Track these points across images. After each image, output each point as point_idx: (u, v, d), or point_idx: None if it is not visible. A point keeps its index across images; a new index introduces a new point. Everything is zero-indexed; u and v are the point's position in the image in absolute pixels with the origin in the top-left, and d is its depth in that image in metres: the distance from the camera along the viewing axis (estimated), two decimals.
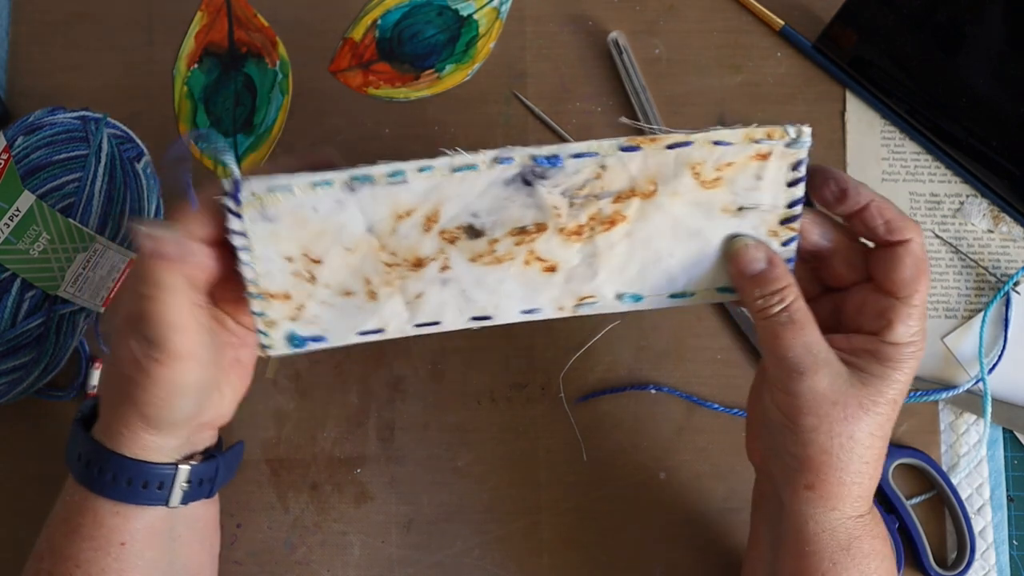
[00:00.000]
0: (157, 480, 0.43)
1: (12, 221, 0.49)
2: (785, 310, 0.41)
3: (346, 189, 0.41)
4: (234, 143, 0.59)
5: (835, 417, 0.41)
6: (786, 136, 0.42)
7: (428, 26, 0.60)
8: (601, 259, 0.44)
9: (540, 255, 0.43)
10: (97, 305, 0.53)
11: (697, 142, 0.41)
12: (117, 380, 0.41)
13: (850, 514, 0.42)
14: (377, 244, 0.42)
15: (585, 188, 0.42)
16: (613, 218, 0.43)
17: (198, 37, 0.60)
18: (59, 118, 0.51)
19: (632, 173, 0.42)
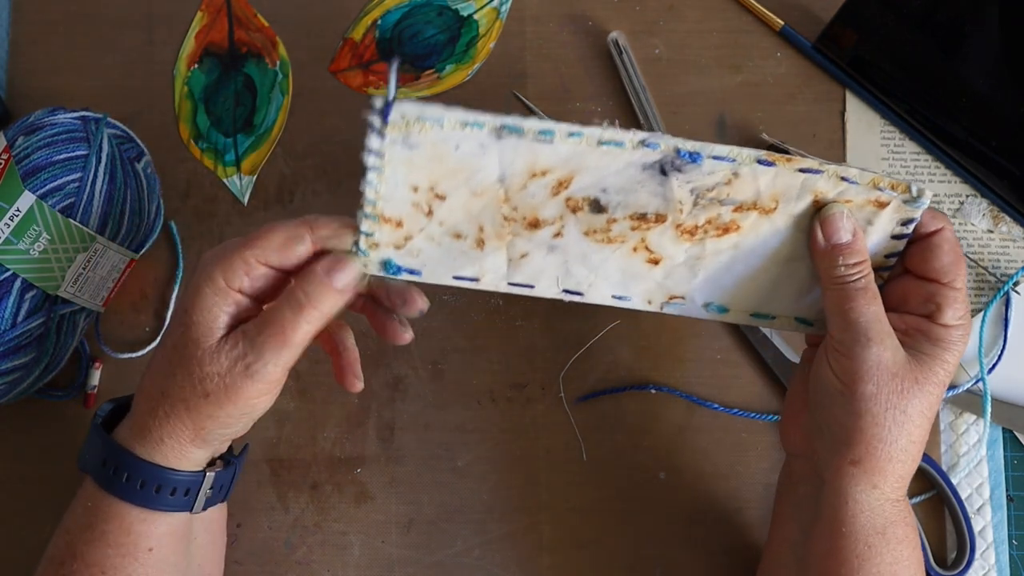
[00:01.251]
0: (185, 487, 0.44)
1: (12, 221, 0.49)
2: (864, 278, 0.43)
3: (493, 135, 0.41)
4: (234, 143, 0.59)
5: (892, 388, 0.42)
6: (908, 193, 0.43)
7: (428, 26, 0.60)
8: (704, 263, 0.45)
9: (650, 246, 0.44)
10: (97, 305, 0.53)
11: (827, 173, 0.43)
12: (181, 392, 0.41)
13: (889, 496, 0.43)
14: (503, 195, 0.43)
15: (714, 191, 0.43)
16: (728, 226, 0.44)
17: (198, 37, 0.60)
18: (59, 118, 0.51)
19: (759, 187, 0.43)
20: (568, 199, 0.43)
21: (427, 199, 0.42)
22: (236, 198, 0.59)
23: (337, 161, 0.59)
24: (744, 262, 0.45)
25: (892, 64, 0.57)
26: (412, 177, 0.41)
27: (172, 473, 0.43)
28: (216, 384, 0.41)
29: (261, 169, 0.59)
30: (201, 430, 0.42)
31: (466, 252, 0.44)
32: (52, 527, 0.55)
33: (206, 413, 0.41)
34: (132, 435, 0.43)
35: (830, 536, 0.43)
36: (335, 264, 0.41)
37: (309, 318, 0.41)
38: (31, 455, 0.56)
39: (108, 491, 0.43)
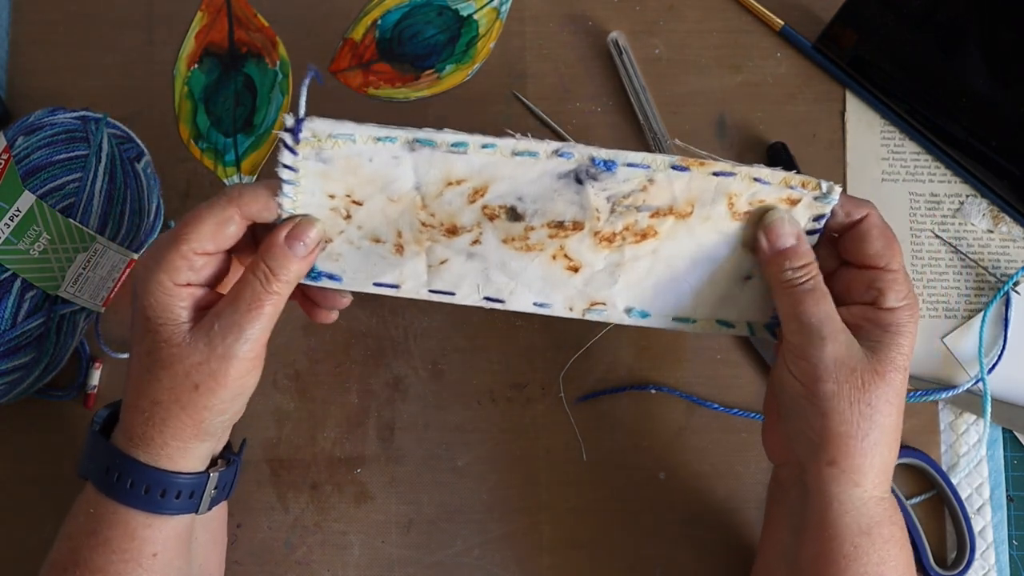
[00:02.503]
0: (190, 490, 0.44)
1: (12, 221, 0.49)
2: (811, 279, 0.43)
3: (406, 148, 0.42)
4: (234, 143, 0.59)
5: (853, 383, 0.42)
6: (818, 190, 0.43)
7: (428, 26, 0.60)
8: (623, 269, 0.45)
9: (568, 253, 0.44)
10: (97, 305, 0.53)
11: (740, 175, 0.43)
12: (171, 393, 0.41)
13: (872, 493, 0.43)
14: (420, 202, 0.43)
15: (629, 198, 0.43)
16: (646, 232, 0.44)
17: (198, 37, 0.60)
18: (59, 118, 0.51)
19: (675, 192, 0.43)
20: (484, 207, 0.43)
21: (344, 204, 0.43)
22: None
23: None
24: (665, 267, 0.45)
25: (892, 64, 0.57)
26: (328, 187, 0.42)
27: (177, 476, 0.43)
28: (202, 373, 0.41)
29: (261, 169, 0.59)
30: (201, 423, 0.42)
31: (385, 257, 0.44)
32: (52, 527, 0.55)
33: (201, 404, 0.42)
34: (132, 443, 0.43)
35: (817, 539, 0.43)
36: (294, 233, 0.42)
37: (278, 288, 0.42)
38: (31, 455, 0.56)
39: (112, 497, 0.43)
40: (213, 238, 0.42)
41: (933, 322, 0.56)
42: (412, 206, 0.43)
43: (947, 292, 0.57)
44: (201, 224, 0.41)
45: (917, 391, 0.55)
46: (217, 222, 0.42)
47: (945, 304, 0.56)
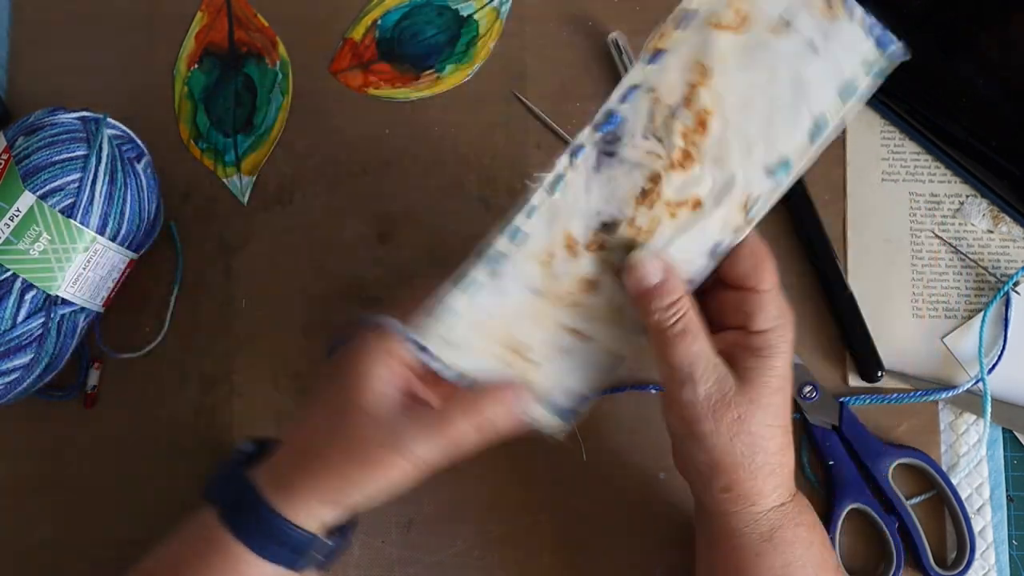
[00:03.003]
0: (302, 546, 0.44)
1: (12, 221, 0.49)
2: (679, 321, 0.42)
3: (492, 277, 0.42)
4: (234, 143, 0.59)
5: (730, 418, 0.42)
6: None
7: (428, 26, 0.60)
8: (726, 159, 0.42)
9: (677, 199, 0.42)
10: (97, 305, 0.53)
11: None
12: (337, 456, 0.42)
13: (770, 506, 0.44)
14: (551, 299, 0.43)
15: (656, 118, 0.42)
16: (701, 118, 0.42)
17: (198, 37, 0.60)
18: (59, 118, 0.51)
19: (677, 74, 0.41)
20: (588, 246, 0.43)
21: (510, 355, 0.44)
22: (236, 198, 0.59)
23: (337, 161, 0.59)
24: (748, 118, 0.42)
25: None
26: (481, 352, 0.43)
27: (294, 530, 0.43)
28: (378, 455, 0.42)
29: (261, 169, 0.59)
30: (347, 497, 0.43)
31: (582, 350, 0.45)
32: (52, 527, 0.55)
33: (354, 480, 0.42)
34: (269, 483, 0.43)
35: (725, 551, 0.45)
36: (520, 395, 0.43)
37: (483, 437, 0.43)
38: (31, 455, 0.56)
39: (233, 532, 0.43)
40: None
41: (933, 322, 0.56)
42: (549, 307, 0.44)
43: (947, 292, 0.57)
44: None
45: (917, 391, 0.55)
46: None
47: (945, 304, 0.56)
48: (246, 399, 0.57)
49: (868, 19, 0.42)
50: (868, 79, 0.42)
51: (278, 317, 0.57)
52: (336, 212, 0.58)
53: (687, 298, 0.43)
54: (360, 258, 0.58)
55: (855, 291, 0.56)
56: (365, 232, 0.58)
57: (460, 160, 0.59)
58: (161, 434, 0.56)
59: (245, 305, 0.58)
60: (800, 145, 0.42)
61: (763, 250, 0.43)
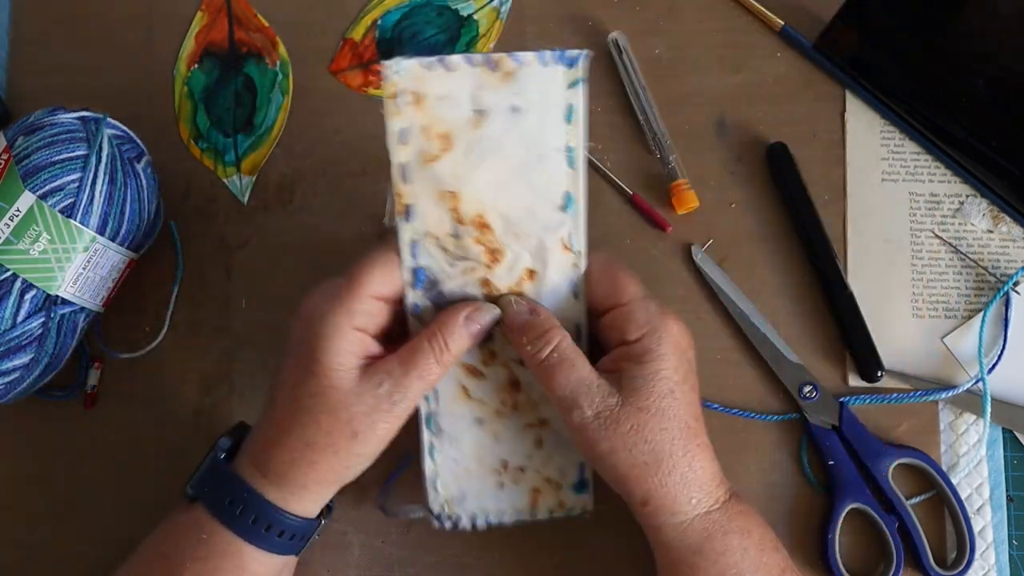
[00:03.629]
0: (302, 532, 0.45)
1: (12, 221, 0.49)
2: (554, 351, 0.44)
3: (438, 435, 0.48)
4: (234, 143, 0.59)
5: (623, 432, 0.43)
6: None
7: (428, 26, 0.60)
8: (522, 230, 0.45)
9: (514, 282, 0.46)
10: (97, 305, 0.53)
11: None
12: (328, 438, 0.43)
13: (692, 514, 0.44)
14: (495, 417, 0.48)
15: (448, 247, 0.45)
16: (478, 222, 0.45)
17: (198, 37, 0.60)
18: (59, 118, 0.51)
19: (435, 211, 0.45)
20: (484, 362, 0.48)
21: (500, 474, 0.50)
22: (236, 198, 0.59)
23: (337, 161, 0.59)
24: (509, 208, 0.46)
25: (892, 64, 0.57)
26: (477, 489, 0.50)
27: (294, 518, 0.44)
28: (362, 422, 0.43)
29: (261, 169, 0.59)
30: (347, 470, 0.44)
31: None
32: (52, 527, 0.55)
33: (354, 452, 0.43)
34: (266, 480, 0.44)
35: (662, 567, 0.45)
36: (474, 316, 0.45)
37: (448, 361, 0.44)
38: (31, 455, 0.56)
39: (231, 529, 0.44)
40: (386, 282, 0.44)
41: (933, 322, 0.56)
42: (494, 423, 0.48)
43: (947, 292, 0.57)
44: (373, 267, 0.44)
45: (917, 391, 0.55)
46: (385, 265, 0.44)
47: (945, 304, 0.56)
48: (246, 399, 0.57)
49: (539, 55, 0.44)
50: (577, 92, 0.44)
51: (278, 317, 0.57)
52: (336, 212, 0.58)
53: (558, 330, 0.44)
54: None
55: (855, 291, 0.56)
56: (365, 232, 0.58)
57: None
58: (161, 434, 0.56)
59: (245, 305, 0.58)
60: (567, 176, 0.45)
61: (615, 269, 0.45)
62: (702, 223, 0.57)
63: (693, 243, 0.57)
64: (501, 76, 0.43)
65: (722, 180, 0.58)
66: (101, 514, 0.56)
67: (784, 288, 0.57)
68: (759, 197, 0.58)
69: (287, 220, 0.58)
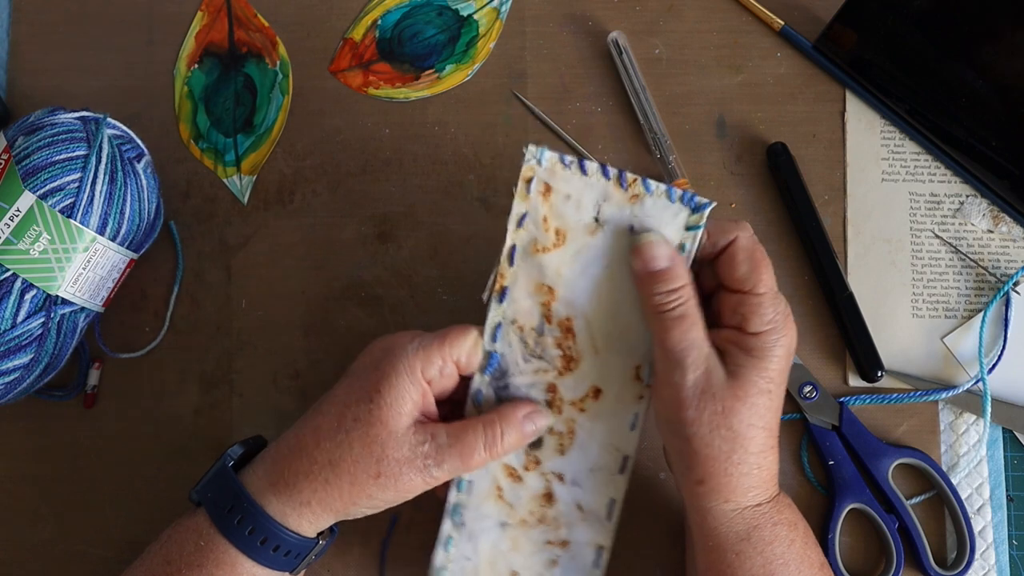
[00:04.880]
0: (297, 550, 0.45)
1: (12, 221, 0.49)
2: (681, 305, 0.43)
3: (458, 529, 0.48)
4: (234, 143, 0.59)
5: (713, 410, 0.43)
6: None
7: (428, 26, 0.60)
8: (602, 346, 0.47)
9: (579, 397, 0.47)
10: (97, 305, 0.53)
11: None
12: (353, 467, 0.43)
13: (746, 504, 0.44)
14: (519, 525, 0.48)
15: (528, 342, 0.46)
16: (565, 326, 0.46)
17: (198, 37, 0.60)
18: (59, 118, 0.51)
19: (527, 301, 0.47)
20: (526, 467, 0.47)
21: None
22: (236, 198, 0.59)
23: (337, 161, 0.59)
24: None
25: (892, 64, 0.57)
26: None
27: (291, 535, 0.44)
28: (391, 468, 0.43)
29: (261, 169, 0.59)
30: (354, 505, 0.44)
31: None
32: (52, 527, 0.55)
33: (367, 492, 0.44)
34: (268, 488, 0.44)
35: (704, 550, 0.45)
36: (532, 416, 0.46)
37: (495, 452, 0.45)
38: (31, 455, 0.56)
39: (227, 537, 0.44)
40: (469, 355, 0.45)
41: (933, 322, 0.56)
42: (516, 531, 0.48)
43: (947, 292, 0.57)
44: (465, 337, 0.45)
45: (917, 391, 0.55)
46: (475, 342, 0.46)
47: (945, 304, 0.56)
48: (246, 399, 0.57)
49: (669, 190, 0.45)
50: (695, 235, 0.45)
51: (278, 317, 0.57)
52: (336, 212, 0.58)
53: (690, 288, 0.44)
54: (360, 258, 0.58)
55: (855, 291, 0.56)
56: (365, 232, 0.58)
57: (460, 160, 0.59)
58: (161, 434, 0.56)
59: (245, 305, 0.58)
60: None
61: (760, 255, 0.44)
62: None
63: None
64: (629, 196, 0.45)
65: (722, 180, 0.58)
66: (101, 514, 0.56)
67: (784, 288, 0.57)
68: (759, 197, 0.58)
69: (287, 220, 0.58)
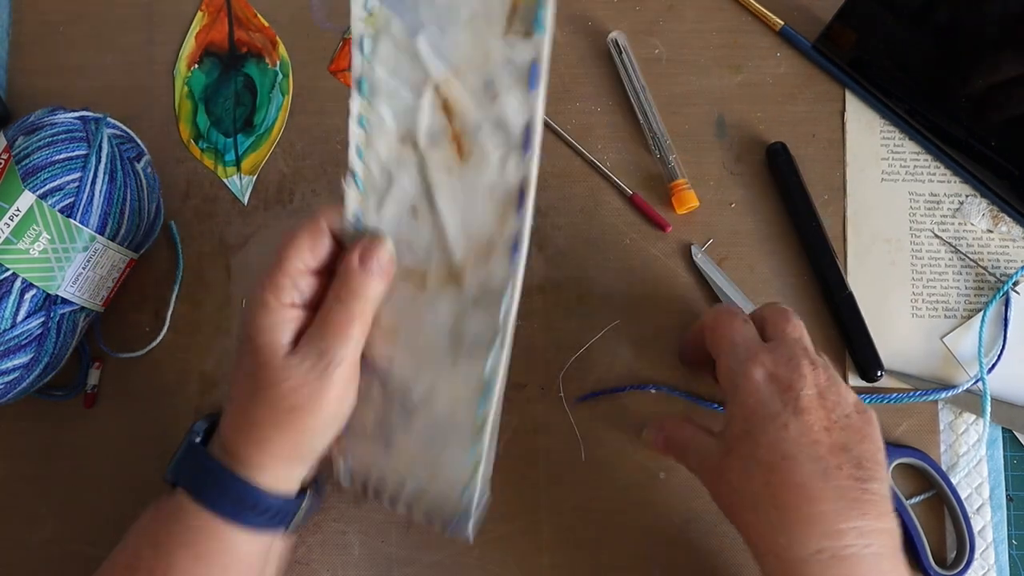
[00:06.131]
0: (284, 509, 0.45)
1: (12, 221, 0.49)
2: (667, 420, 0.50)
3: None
4: (234, 143, 0.59)
5: (711, 480, 0.46)
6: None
7: None
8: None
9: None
10: (97, 305, 0.53)
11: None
12: (268, 415, 0.42)
13: (796, 556, 0.41)
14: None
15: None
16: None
17: (198, 37, 0.60)
18: (59, 118, 0.51)
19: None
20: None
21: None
22: (236, 198, 0.59)
23: (337, 161, 0.59)
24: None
25: (892, 64, 0.57)
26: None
27: (273, 497, 0.44)
28: (297, 397, 0.42)
29: (261, 169, 0.59)
30: (297, 446, 0.43)
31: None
32: (52, 527, 0.55)
33: (298, 427, 0.43)
34: (236, 461, 0.44)
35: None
36: (365, 252, 0.42)
37: (359, 309, 0.42)
38: (31, 455, 0.56)
39: (213, 511, 0.43)
40: (311, 251, 0.43)
41: (933, 322, 0.56)
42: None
43: (947, 292, 0.57)
44: (297, 240, 0.42)
45: (917, 391, 0.55)
46: (310, 235, 0.43)
47: (945, 304, 0.56)
48: None
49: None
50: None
51: None
52: None
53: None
54: None
55: (855, 291, 0.56)
56: None
57: None
58: (161, 434, 0.56)
59: (245, 305, 0.58)
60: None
61: (712, 319, 0.48)
62: (702, 223, 0.57)
63: (693, 243, 0.57)
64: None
65: (722, 180, 0.58)
66: (101, 514, 0.56)
67: (784, 288, 0.57)
68: (759, 197, 0.58)
69: (287, 220, 0.58)
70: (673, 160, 0.57)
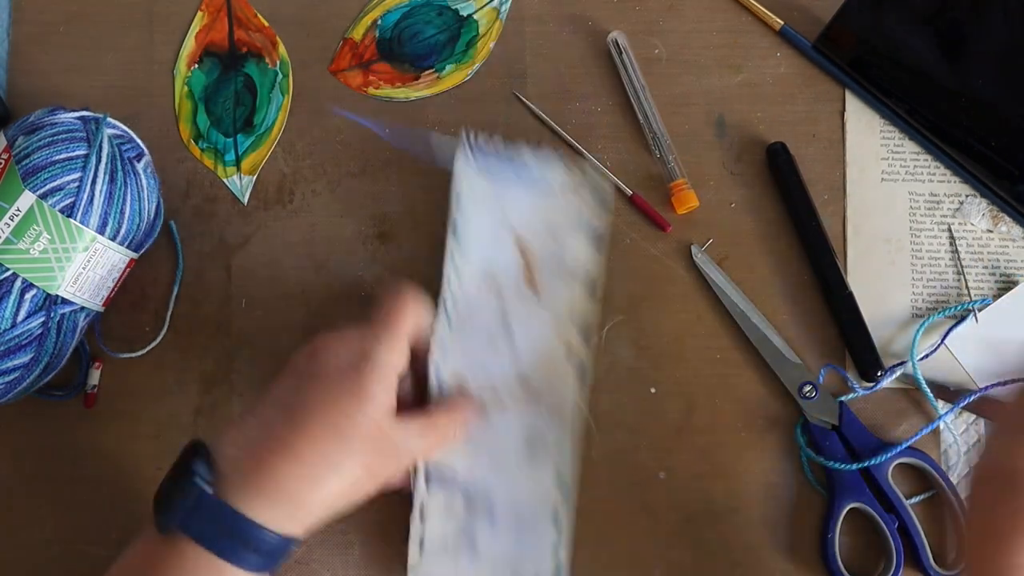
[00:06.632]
0: (285, 551, 0.44)
1: (12, 221, 0.49)
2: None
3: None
4: (234, 143, 0.59)
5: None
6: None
7: (428, 26, 0.60)
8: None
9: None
10: (97, 305, 0.53)
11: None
12: (353, 472, 0.45)
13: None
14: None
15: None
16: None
17: (198, 37, 0.60)
18: (59, 118, 0.51)
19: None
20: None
21: None
22: (236, 198, 0.59)
23: (337, 161, 0.59)
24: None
25: (892, 64, 0.57)
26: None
27: (288, 541, 0.44)
28: (380, 463, 0.46)
29: (261, 169, 0.59)
30: (345, 499, 0.45)
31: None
32: (52, 527, 0.55)
33: (357, 488, 0.45)
34: (257, 500, 0.43)
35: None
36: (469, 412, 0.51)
37: (458, 436, 0.50)
38: (31, 455, 0.56)
39: (227, 560, 0.42)
40: (416, 320, 0.48)
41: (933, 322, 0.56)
42: None
43: (947, 292, 0.57)
44: (406, 305, 0.48)
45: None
46: (415, 301, 0.48)
47: (945, 304, 0.56)
48: (246, 399, 0.57)
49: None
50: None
51: (278, 317, 0.57)
52: (336, 212, 0.58)
53: None
54: (360, 258, 0.58)
55: (855, 291, 0.56)
56: (365, 232, 0.58)
57: None
58: (161, 434, 0.56)
59: (245, 305, 0.58)
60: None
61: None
62: (702, 223, 0.57)
63: (693, 243, 0.57)
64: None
65: (722, 180, 0.58)
66: (101, 514, 0.56)
67: (784, 288, 0.57)
68: (759, 197, 0.58)
69: (287, 220, 0.58)
70: (673, 160, 0.57)
